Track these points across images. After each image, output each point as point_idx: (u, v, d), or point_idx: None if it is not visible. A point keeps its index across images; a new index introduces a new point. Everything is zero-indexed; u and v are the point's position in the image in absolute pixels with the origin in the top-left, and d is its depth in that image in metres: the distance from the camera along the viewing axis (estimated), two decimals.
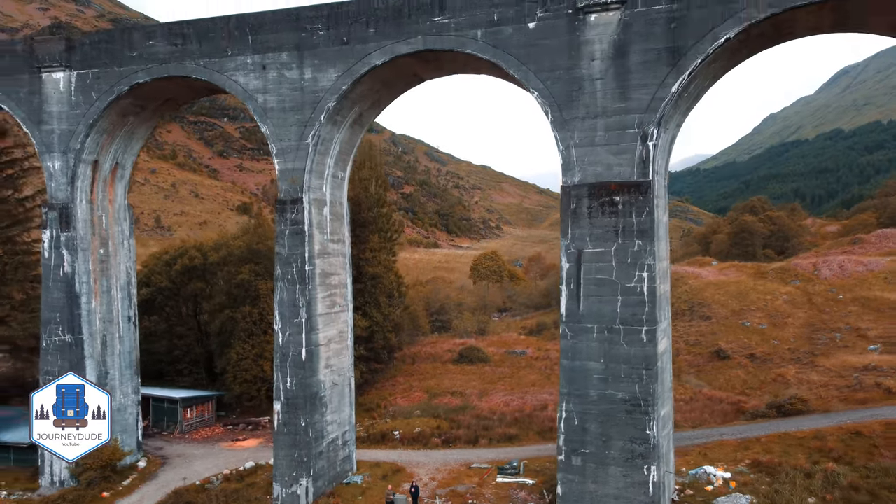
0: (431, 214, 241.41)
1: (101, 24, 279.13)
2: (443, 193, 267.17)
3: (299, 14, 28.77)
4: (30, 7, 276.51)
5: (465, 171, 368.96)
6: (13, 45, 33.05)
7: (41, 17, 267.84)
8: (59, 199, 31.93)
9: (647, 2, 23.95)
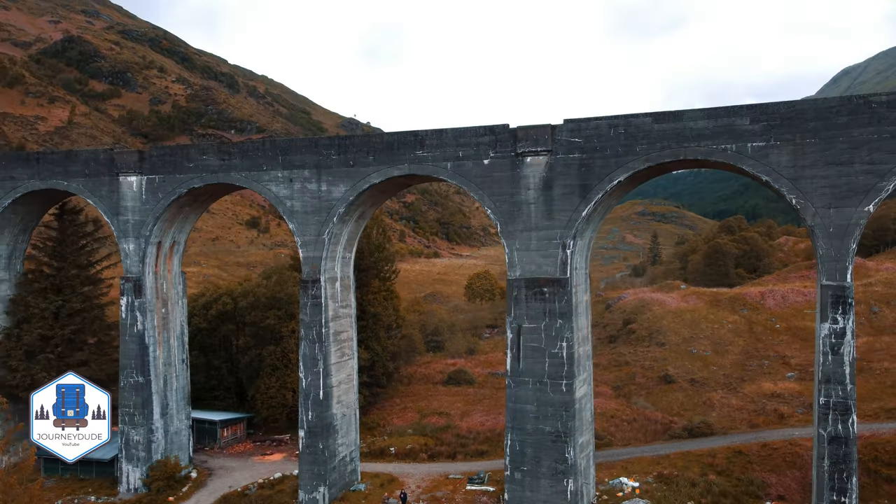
0: (432, 223, 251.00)
1: (109, 35, 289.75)
2: (443, 201, 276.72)
3: (318, 142, 39.10)
4: (41, 20, 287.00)
5: None
6: (97, 153, 43.35)
7: (53, 31, 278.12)
8: (133, 272, 42.30)
9: (565, 151, 34.17)
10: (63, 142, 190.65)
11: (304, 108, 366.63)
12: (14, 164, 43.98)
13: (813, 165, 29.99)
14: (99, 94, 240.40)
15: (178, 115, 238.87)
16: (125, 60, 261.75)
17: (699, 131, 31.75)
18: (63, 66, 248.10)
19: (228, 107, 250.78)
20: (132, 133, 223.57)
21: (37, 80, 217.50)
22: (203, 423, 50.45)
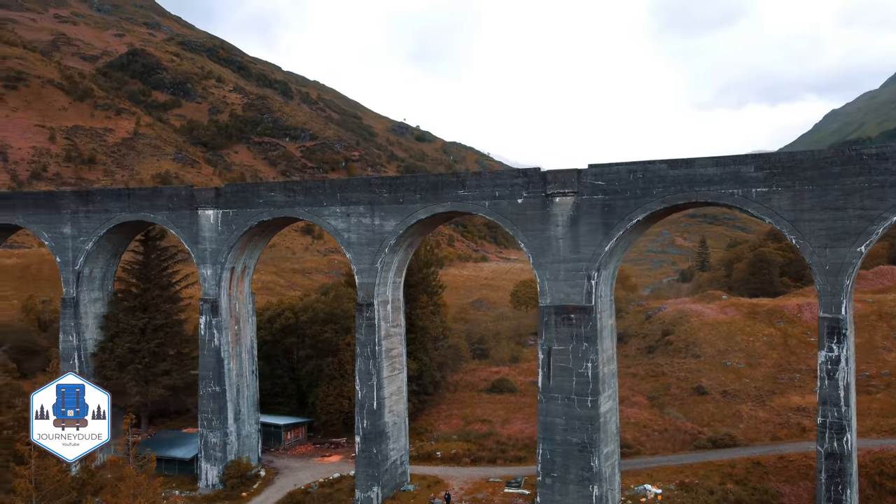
0: (480, 227, 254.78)
1: (170, 47, 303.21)
2: None
3: (371, 182, 44.41)
4: (106, 34, 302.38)
5: None
6: (179, 190, 49.63)
7: (118, 44, 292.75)
8: (210, 295, 48.40)
9: (590, 193, 38.55)
10: (129, 152, 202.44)
11: (354, 112, 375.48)
12: (109, 199, 50.68)
13: (811, 209, 33.69)
14: (161, 105, 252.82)
15: (235, 125, 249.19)
16: (185, 71, 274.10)
17: (709, 177, 35.75)
18: (127, 78, 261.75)
19: (283, 115, 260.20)
20: (192, 142, 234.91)
21: (104, 92, 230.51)
22: (269, 427, 56.43)
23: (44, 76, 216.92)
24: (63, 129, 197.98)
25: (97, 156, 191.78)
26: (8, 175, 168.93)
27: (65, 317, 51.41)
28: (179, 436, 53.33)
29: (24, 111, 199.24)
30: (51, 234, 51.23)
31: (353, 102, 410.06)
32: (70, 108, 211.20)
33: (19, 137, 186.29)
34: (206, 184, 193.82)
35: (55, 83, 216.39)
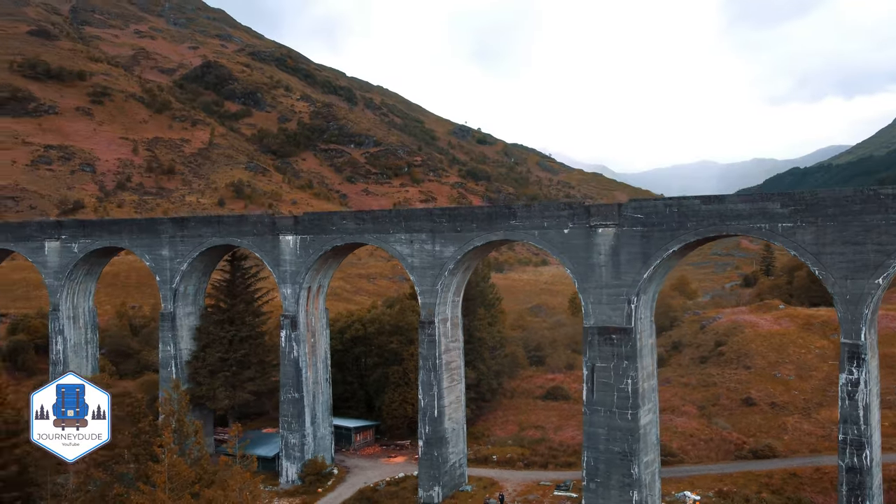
0: None
1: (240, 58, 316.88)
2: None
3: (432, 212, 49.57)
4: (182, 47, 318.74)
5: (577, 179, 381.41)
6: (262, 218, 55.97)
7: (192, 56, 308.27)
8: (290, 311, 54.55)
9: (629, 225, 42.61)
10: (205, 162, 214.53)
11: (417, 116, 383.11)
12: (201, 225, 57.54)
13: (832, 244, 36.94)
14: (233, 115, 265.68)
15: (303, 132, 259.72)
16: (255, 81, 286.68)
17: (738, 212, 39.35)
18: (202, 89, 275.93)
19: (348, 122, 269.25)
20: (263, 150, 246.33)
21: (181, 104, 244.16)
22: (341, 429, 62.39)
23: (126, 90, 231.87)
24: (144, 140, 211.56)
25: (176, 166, 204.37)
26: (96, 186, 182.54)
27: (163, 329, 58.57)
28: (261, 436, 59.90)
29: (109, 124, 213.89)
30: (151, 256, 58.48)
31: (415, 106, 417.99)
32: (150, 120, 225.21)
33: (106, 149, 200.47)
34: (277, 192, 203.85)
35: (136, 97, 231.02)
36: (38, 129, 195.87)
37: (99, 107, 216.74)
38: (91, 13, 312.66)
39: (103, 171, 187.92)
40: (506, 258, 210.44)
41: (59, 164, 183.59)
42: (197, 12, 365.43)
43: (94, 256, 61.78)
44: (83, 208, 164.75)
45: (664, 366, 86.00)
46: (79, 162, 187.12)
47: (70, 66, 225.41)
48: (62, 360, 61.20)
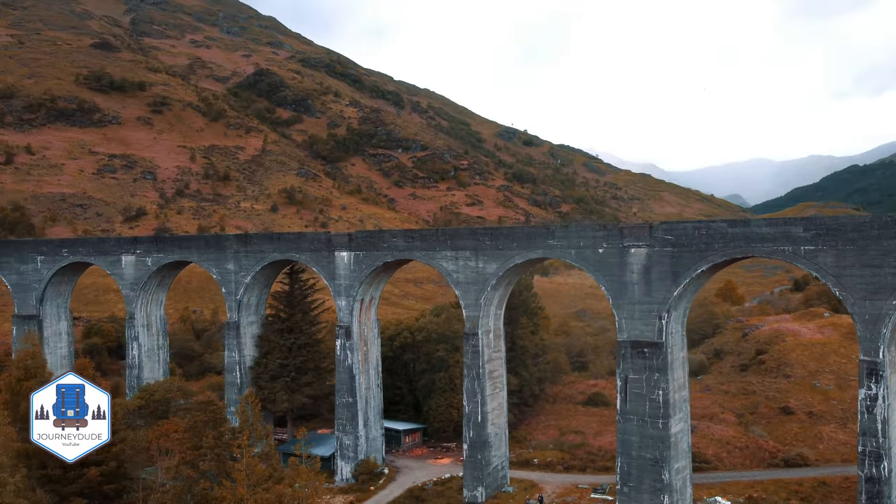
0: None
1: (291, 65, 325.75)
2: (599, 209, 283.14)
3: (476, 231, 53.39)
4: (235, 55, 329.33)
5: (624, 180, 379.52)
6: (319, 236, 60.62)
7: (245, 65, 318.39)
8: (345, 322, 59.06)
9: (660, 245, 45.63)
10: (258, 168, 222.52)
11: (463, 119, 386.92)
12: (263, 241, 62.58)
13: (852, 266, 39.37)
14: (284, 122, 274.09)
15: (352, 138, 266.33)
16: (305, 88, 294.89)
17: (763, 235, 42.03)
18: (254, 96, 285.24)
19: (395, 127, 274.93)
20: (313, 156, 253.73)
21: (235, 112, 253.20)
22: (391, 431, 66.69)
23: (184, 99, 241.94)
24: (201, 148, 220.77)
25: (231, 172, 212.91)
26: (157, 193, 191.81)
27: (228, 336, 63.83)
28: (317, 436, 64.65)
29: (168, 133, 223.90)
30: (218, 270, 63.78)
31: (462, 108, 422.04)
32: (206, 128, 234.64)
33: (165, 158, 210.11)
34: (327, 197, 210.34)
35: (193, 106, 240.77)
36: (103, 138, 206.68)
37: (158, 116, 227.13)
38: (149, 24, 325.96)
39: (163, 179, 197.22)
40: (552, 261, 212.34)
41: (122, 173, 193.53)
42: (250, 21, 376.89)
43: (166, 269, 67.50)
44: (145, 215, 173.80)
45: (705, 373, 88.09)
46: (140, 170, 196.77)
47: (131, 77, 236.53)
48: (137, 364, 67.10)
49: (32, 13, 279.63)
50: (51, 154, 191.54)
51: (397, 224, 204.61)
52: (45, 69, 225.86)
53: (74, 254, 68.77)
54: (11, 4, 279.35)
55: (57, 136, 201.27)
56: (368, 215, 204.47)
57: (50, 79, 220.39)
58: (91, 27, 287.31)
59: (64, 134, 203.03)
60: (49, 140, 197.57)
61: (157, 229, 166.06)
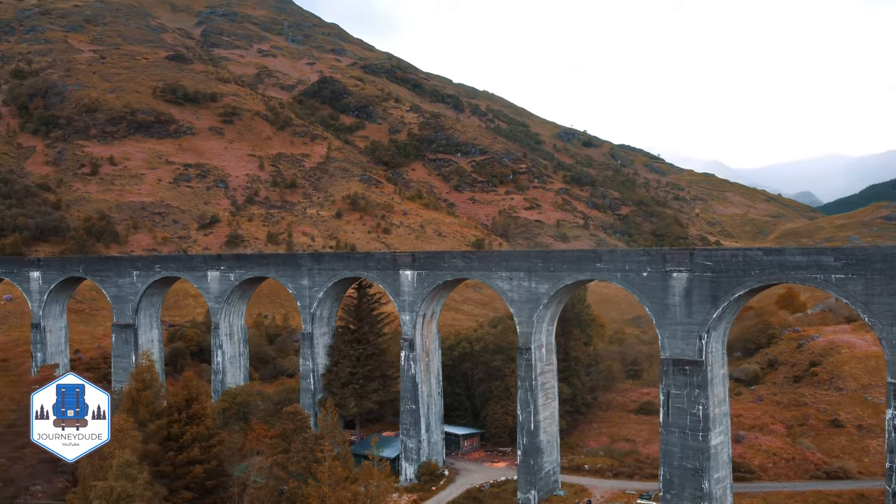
0: (646, 235, 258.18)
1: (353, 71, 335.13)
2: (659, 212, 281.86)
3: (529, 254, 58.02)
4: (300, 63, 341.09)
5: (687, 180, 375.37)
6: (385, 255, 66.27)
7: (310, 72, 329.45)
8: (409, 335, 64.56)
9: (700, 271, 49.32)
10: (323, 175, 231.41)
11: (522, 120, 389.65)
12: (334, 260, 68.72)
13: (880, 294, 42.37)
14: (347, 128, 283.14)
15: (412, 143, 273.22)
16: (367, 95, 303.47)
17: (797, 263, 45.33)
18: (318, 104, 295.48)
19: (455, 132, 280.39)
20: (375, 162, 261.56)
21: (301, 120, 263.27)
22: (450, 436, 71.94)
23: (252, 109, 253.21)
24: (269, 157, 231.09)
25: (297, 180, 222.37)
26: (229, 201, 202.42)
27: (303, 346, 70.23)
28: (383, 438, 70.38)
29: (238, 142, 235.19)
30: (294, 285, 70.27)
31: (521, 110, 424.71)
32: (274, 136, 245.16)
33: (236, 166, 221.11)
34: (388, 203, 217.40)
35: (261, 115, 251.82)
36: (179, 149, 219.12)
37: (229, 126, 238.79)
38: (219, 36, 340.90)
39: (234, 187, 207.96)
40: None
41: (196, 181, 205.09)
42: (313, 29, 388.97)
43: (247, 283, 74.45)
44: (218, 222, 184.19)
45: (759, 383, 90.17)
46: (213, 179, 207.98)
47: (203, 88, 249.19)
48: (222, 369, 74.33)
49: (112, 28, 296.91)
50: (131, 164, 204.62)
51: (456, 229, 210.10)
52: (125, 83, 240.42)
53: (166, 269, 76.54)
54: (93, 21, 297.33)
55: (137, 147, 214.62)
56: (429, 221, 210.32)
57: (130, 92, 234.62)
58: (165, 40, 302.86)
59: (143, 145, 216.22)
60: (129, 151, 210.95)
61: (229, 236, 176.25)
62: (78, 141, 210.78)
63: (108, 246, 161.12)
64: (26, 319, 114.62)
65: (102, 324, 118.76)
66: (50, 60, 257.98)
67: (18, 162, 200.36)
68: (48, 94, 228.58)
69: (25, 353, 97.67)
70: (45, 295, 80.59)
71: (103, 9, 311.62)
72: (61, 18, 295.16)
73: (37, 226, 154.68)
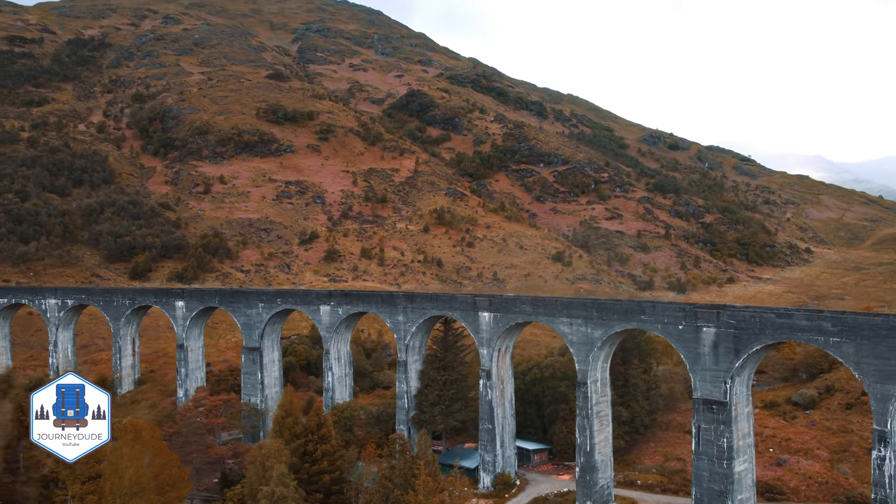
0: (731, 244, 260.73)
1: (439, 83, 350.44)
2: (746, 219, 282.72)
3: (586, 303, 70.34)
4: (389, 76, 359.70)
5: (778, 183, 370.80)
6: (467, 297, 79.92)
7: (398, 85, 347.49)
8: (486, 366, 78.01)
9: (725, 327, 60.33)
10: (411, 190, 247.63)
11: (607, 124, 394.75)
12: (425, 300, 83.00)
13: (867, 356, 52.47)
14: (434, 140, 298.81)
15: (495, 155, 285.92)
16: (453, 106, 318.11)
17: (801, 326, 55.81)
18: (406, 116, 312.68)
19: (538, 143, 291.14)
20: (460, 174, 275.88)
21: (390, 135, 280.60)
22: (522, 450, 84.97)
23: (345, 125, 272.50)
24: (361, 172, 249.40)
25: (387, 194, 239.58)
26: (325, 216, 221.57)
27: (399, 372, 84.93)
28: (465, 451, 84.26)
29: (333, 158, 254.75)
30: (391, 320, 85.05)
31: (606, 113, 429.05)
32: (366, 152, 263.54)
33: (331, 182, 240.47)
34: (472, 216, 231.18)
35: (354, 131, 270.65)
36: (280, 166, 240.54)
37: (325, 143, 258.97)
38: (314, 52, 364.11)
39: (330, 203, 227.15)
40: (689, 277, 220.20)
41: (297, 198, 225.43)
42: (401, 40, 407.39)
43: (352, 316, 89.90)
44: (317, 238, 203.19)
45: (814, 408, 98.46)
46: (311, 195, 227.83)
47: (301, 107, 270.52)
48: (331, 387, 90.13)
49: (218, 50, 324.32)
50: (239, 183, 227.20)
51: (537, 241, 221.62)
52: (232, 105, 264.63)
53: (286, 302, 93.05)
54: (201, 44, 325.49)
55: (243, 166, 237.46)
56: (511, 233, 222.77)
57: (236, 114, 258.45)
58: (265, 59, 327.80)
59: (248, 164, 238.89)
60: (237, 170, 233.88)
61: (327, 251, 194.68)
62: (192, 161, 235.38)
63: (222, 261, 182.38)
64: (161, 332, 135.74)
65: (224, 337, 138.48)
66: (165, 84, 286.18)
67: (142, 181, 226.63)
68: (165, 118, 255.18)
69: (166, 365, 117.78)
70: (187, 321, 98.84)
71: (210, 31, 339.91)
72: (173, 43, 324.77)
73: (162, 244, 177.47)
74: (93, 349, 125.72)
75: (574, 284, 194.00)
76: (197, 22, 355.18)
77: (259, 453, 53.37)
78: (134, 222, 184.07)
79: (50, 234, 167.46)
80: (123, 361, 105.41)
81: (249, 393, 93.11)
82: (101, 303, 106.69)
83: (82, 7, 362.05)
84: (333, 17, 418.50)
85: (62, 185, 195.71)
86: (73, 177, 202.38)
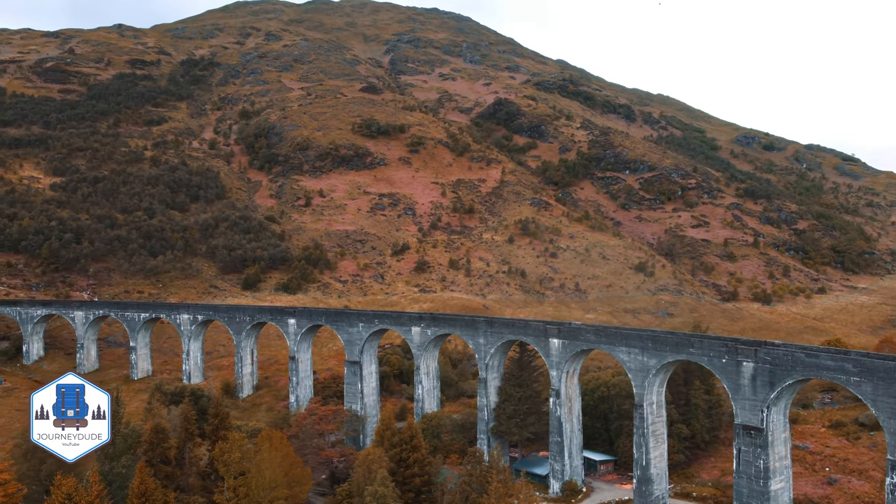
0: (825, 251, 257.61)
1: (526, 90, 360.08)
2: (843, 224, 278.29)
3: (641, 335, 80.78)
4: (477, 85, 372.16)
5: (884, 184, 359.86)
6: (539, 324, 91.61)
7: (486, 93, 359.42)
8: (556, 386, 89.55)
9: (762, 363, 69.60)
10: (497, 200, 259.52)
11: (698, 125, 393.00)
12: (502, 325, 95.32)
13: (883, 395, 60.90)
14: (520, 149, 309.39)
15: (581, 162, 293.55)
16: (539, 114, 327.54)
17: (826, 366, 64.61)
18: (494, 125, 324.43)
19: (623, 150, 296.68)
20: (546, 182, 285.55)
21: (477, 145, 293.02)
22: (589, 460, 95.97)
23: (435, 137, 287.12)
24: (450, 183, 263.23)
25: (474, 205, 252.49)
26: (416, 227, 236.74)
27: (480, 388, 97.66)
28: (538, 459, 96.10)
29: (423, 170, 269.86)
30: (473, 342, 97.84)
31: (698, 112, 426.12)
32: (454, 163, 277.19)
33: (422, 194, 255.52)
34: (556, 226, 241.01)
35: (442, 143, 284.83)
36: (374, 179, 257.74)
37: (415, 155, 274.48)
38: (405, 63, 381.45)
39: (421, 214, 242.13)
40: (777, 287, 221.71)
41: (389, 210, 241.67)
42: (490, 47, 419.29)
43: (439, 337, 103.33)
44: (408, 249, 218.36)
45: (879, 430, 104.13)
46: (403, 207, 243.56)
47: (393, 120, 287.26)
48: (421, 399, 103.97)
49: (315, 65, 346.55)
50: (336, 196, 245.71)
51: (620, 251, 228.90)
52: (329, 121, 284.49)
53: (382, 323, 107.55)
54: (300, 60, 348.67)
55: (340, 179, 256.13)
56: (594, 243, 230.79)
57: (333, 130, 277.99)
58: (359, 72, 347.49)
59: (345, 177, 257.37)
60: (334, 184, 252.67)
61: (417, 262, 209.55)
62: (294, 175, 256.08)
63: (322, 272, 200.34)
64: (272, 341, 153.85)
65: (326, 346, 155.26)
66: (268, 100, 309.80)
67: (250, 195, 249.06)
68: (269, 134, 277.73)
69: (278, 372, 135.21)
70: (298, 336, 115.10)
71: (308, 47, 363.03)
72: (275, 60, 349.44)
73: (269, 256, 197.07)
74: (215, 356, 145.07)
75: (655, 296, 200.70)
76: (296, 38, 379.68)
77: (365, 459, 67.50)
78: (244, 236, 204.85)
79: (173, 248, 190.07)
80: (244, 370, 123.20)
81: (351, 401, 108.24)
82: (226, 318, 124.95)
83: (193, 28, 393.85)
84: (424, 26, 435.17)
85: (181, 202, 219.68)
86: (191, 193, 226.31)
